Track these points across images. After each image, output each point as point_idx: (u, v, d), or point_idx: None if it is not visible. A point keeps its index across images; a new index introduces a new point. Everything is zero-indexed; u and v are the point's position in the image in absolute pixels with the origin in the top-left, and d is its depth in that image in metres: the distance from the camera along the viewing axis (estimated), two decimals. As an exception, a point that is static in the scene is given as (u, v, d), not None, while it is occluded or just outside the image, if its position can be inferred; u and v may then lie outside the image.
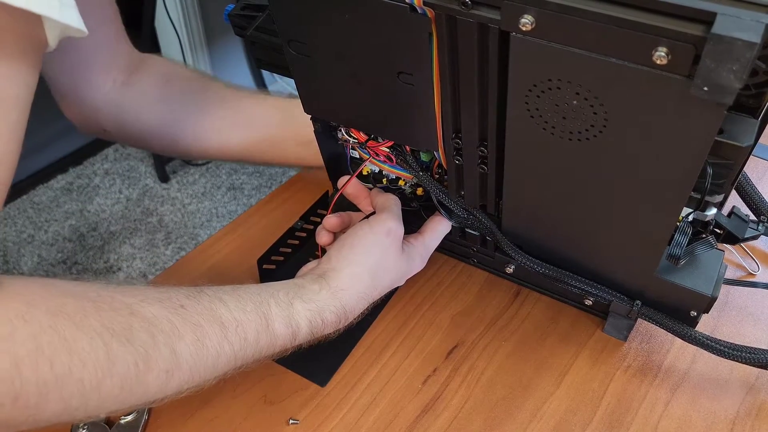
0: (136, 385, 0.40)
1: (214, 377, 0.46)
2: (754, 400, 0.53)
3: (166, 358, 0.41)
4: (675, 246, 0.47)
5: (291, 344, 0.49)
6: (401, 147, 0.56)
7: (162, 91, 0.68)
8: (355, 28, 0.45)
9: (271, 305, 0.48)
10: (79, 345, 0.37)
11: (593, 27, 0.34)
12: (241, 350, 0.46)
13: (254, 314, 0.47)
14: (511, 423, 0.52)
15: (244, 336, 0.46)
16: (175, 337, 0.42)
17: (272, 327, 0.48)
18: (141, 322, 0.40)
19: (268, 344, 0.48)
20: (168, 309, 0.43)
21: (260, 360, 0.48)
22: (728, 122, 0.39)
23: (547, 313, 0.60)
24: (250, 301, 0.47)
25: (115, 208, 1.85)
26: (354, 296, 0.52)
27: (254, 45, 0.57)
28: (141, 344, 0.40)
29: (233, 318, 0.46)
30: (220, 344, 0.44)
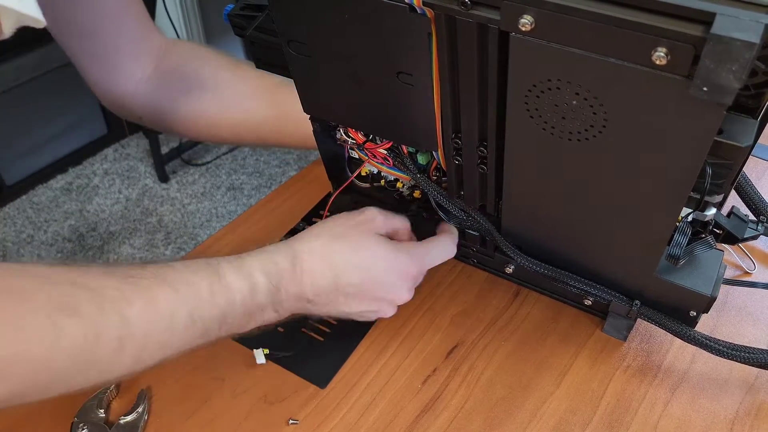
0: (87, 356, 0.39)
1: (178, 347, 0.45)
2: (754, 400, 0.53)
3: (115, 326, 0.40)
4: (674, 246, 0.47)
5: (252, 300, 0.48)
6: (399, 149, 0.56)
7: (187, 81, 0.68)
8: (355, 28, 0.45)
9: (221, 262, 0.47)
10: (25, 322, 0.36)
11: (593, 27, 0.34)
12: (196, 309, 0.44)
13: (204, 271, 0.46)
14: (511, 423, 0.52)
15: (196, 294, 0.44)
16: (124, 303, 0.41)
17: (225, 280, 0.46)
18: (87, 292, 0.40)
19: (225, 299, 0.46)
20: (115, 279, 0.42)
21: (227, 323, 0.47)
22: (728, 122, 0.39)
23: (546, 313, 0.60)
24: (198, 263, 0.47)
25: (114, 208, 1.85)
26: (306, 248, 0.51)
27: (254, 45, 0.57)
28: (88, 314, 0.39)
29: (182, 278, 0.45)
30: (173, 305, 0.43)
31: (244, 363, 0.57)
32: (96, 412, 0.53)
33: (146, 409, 0.53)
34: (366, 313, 0.54)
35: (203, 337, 0.46)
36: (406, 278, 0.54)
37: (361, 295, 0.52)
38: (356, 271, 0.52)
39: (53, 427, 0.53)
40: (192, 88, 0.68)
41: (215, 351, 0.58)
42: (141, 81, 0.67)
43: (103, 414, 0.53)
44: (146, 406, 0.53)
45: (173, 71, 0.68)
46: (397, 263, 0.53)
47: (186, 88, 0.68)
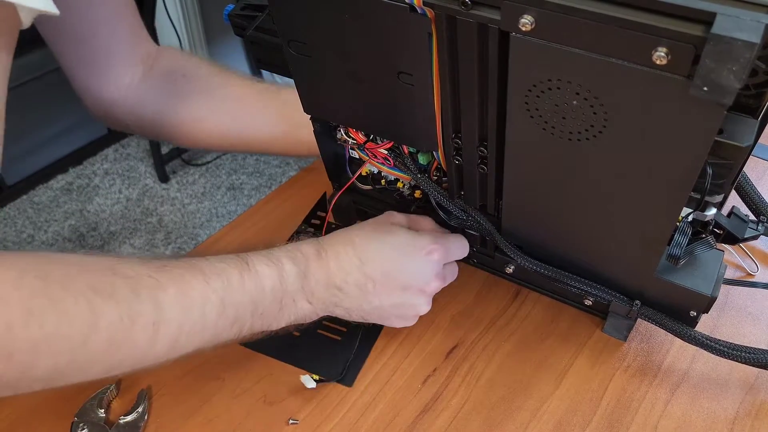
0: (123, 339, 0.41)
1: (212, 335, 0.46)
2: (754, 400, 0.53)
3: (150, 311, 0.42)
4: (675, 246, 0.47)
5: (282, 286, 0.49)
6: (399, 149, 0.56)
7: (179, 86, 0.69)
8: (355, 28, 0.45)
9: (249, 253, 0.50)
10: (65, 305, 0.39)
11: (593, 27, 0.34)
12: (227, 295, 0.46)
13: (234, 261, 0.48)
14: (511, 423, 0.52)
15: (227, 280, 0.46)
16: (158, 289, 0.43)
17: (254, 267, 0.48)
18: (123, 279, 0.42)
19: (256, 286, 0.48)
20: (149, 267, 0.44)
21: (259, 312, 0.48)
22: (728, 122, 0.39)
23: (546, 313, 0.60)
24: (229, 255, 0.49)
25: (114, 208, 1.85)
26: (331, 239, 0.53)
27: (254, 45, 0.57)
28: (124, 299, 0.41)
29: (213, 267, 0.47)
30: (205, 291, 0.45)
31: (244, 363, 0.57)
32: (96, 412, 0.53)
33: (146, 409, 0.53)
34: (399, 308, 0.54)
35: (236, 325, 0.47)
36: (429, 260, 0.54)
37: (389, 282, 0.52)
38: (381, 255, 0.53)
39: (53, 427, 0.53)
40: (183, 94, 0.68)
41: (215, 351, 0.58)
42: (129, 87, 0.67)
43: (103, 414, 0.53)
44: (146, 406, 0.53)
45: (164, 77, 0.68)
46: (420, 243, 0.54)
47: (177, 94, 0.68)
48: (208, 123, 0.69)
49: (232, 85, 0.70)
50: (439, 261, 0.55)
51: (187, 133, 0.70)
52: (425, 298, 0.55)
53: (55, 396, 0.54)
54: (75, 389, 0.54)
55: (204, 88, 0.69)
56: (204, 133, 0.70)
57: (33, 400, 0.54)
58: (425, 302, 0.55)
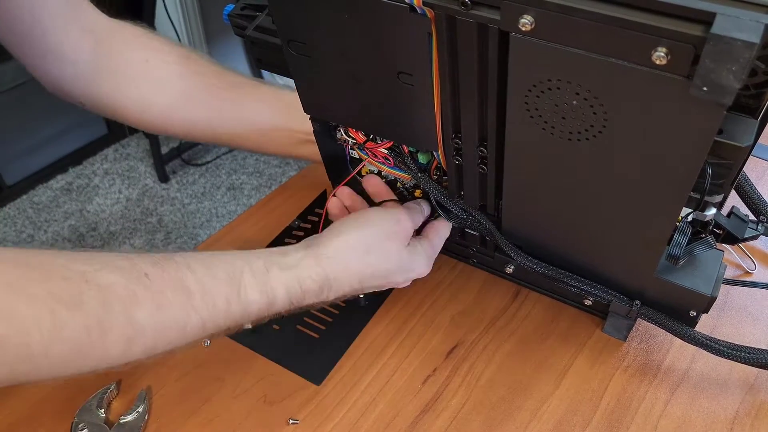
0: (91, 350, 0.40)
1: (185, 343, 0.45)
2: (754, 400, 0.53)
3: (122, 325, 0.41)
4: (674, 246, 0.47)
5: (268, 312, 0.48)
6: (399, 148, 0.56)
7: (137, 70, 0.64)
8: (355, 28, 0.45)
9: (245, 273, 0.47)
10: (21, 313, 0.37)
11: (593, 27, 0.34)
12: (210, 318, 0.45)
13: (225, 282, 0.46)
14: (511, 423, 0.52)
15: (212, 303, 0.45)
16: (133, 304, 0.41)
17: (244, 295, 0.46)
18: (94, 290, 0.40)
19: (241, 312, 0.46)
20: (128, 277, 0.42)
21: (238, 326, 0.48)
22: (728, 122, 0.39)
23: (546, 313, 0.60)
24: (222, 269, 0.46)
25: (114, 208, 1.85)
26: (340, 266, 0.50)
27: (254, 45, 0.57)
28: (92, 311, 0.39)
29: (200, 286, 0.44)
30: (185, 312, 0.43)
31: (245, 363, 0.57)
32: (96, 412, 0.53)
33: (146, 409, 0.53)
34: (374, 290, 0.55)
35: (212, 335, 0.47)
36: (417, 275, 0.56)
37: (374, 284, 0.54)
38: (380, 279, 0.53)
39: (53, 427, 0.53)
40: (136, 79, 0.65)
41: (215, 351, 0.58)
42: (79, 63, 0.63)
43: (103, 414, 0.53)
44: (146, 406, 0.53)
45: (117, 57, 0.64)
46: (414, 267, 0.55)
47: (129, 78, 0.64)
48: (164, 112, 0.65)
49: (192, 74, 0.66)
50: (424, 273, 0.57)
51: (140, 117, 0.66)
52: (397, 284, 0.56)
53: (55, 396, 0.54)
54: (75, 389, 0.54)
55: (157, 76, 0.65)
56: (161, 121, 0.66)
57: (33, 399, 0.54)
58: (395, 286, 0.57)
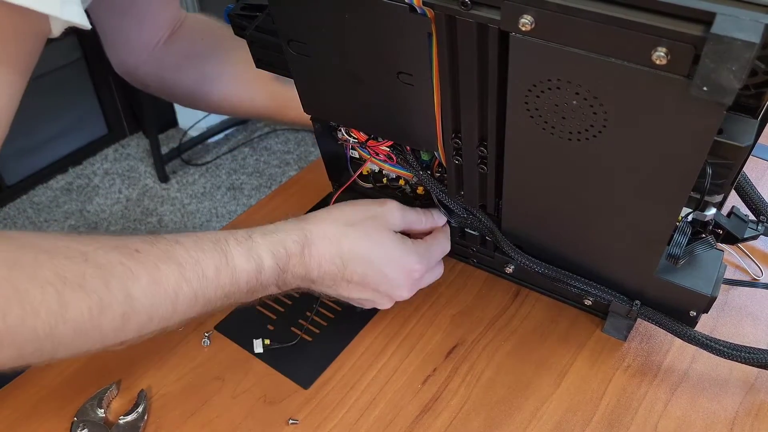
0: (90, 329, 0.41)
1: (178, 320, 0.46)
2: (754, 400, 0.53)
3: (120, 302, 0.42)
4: (674, 246, 0.47)
5: (258, 280, 0.49)
6: (402, 146, 0.56)
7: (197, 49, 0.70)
8: (355, 28, 0.45)
9: (230, 241, 0.48)
10: (31, 295, 0.38)
11: (593, 27, 0.34)
12: (201, 288, 0.46)
13: (212, 251, 0.47)
14: (511, 423, 0.52)
15: (202, 273, 0.46)
16: (130, 280, 0.42)
17: (232, 262, 0.47)
18: (94, 268, 0.41)
19: (230, 280, 0.47)
20: (123, 254, 0.43)
21: (229, 300, 0.48)
22: (728, 122, 0.39)
23: (546, 313, 0.60)
24: (209, 241, 0.48)
25: (114, 209, 1.85)
26: (320, 230, 0.51)
27: (254, 45, 0.57)
28: (94, 290, 0.40)
29: (190, 257, 0.46)
30: (177, 283, 0.44)
31: (244, 363, 0.57)
32: (96, 412, 0.53)
33: (146, 409, 0.53)
34: (364, 301, 0.56)
35: (205, 311, 0.47)
36: (410, 277, 0.55)
37: (364, 284, 0.53)
38: (364, 263, 0.52)
39: (53, 427, 0.53)
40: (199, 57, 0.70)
41: (215, 351, 0.58)
42: (154, 49, 0.69)
43: (103, 414, 0.53)
44: (146, 406, 0.53)
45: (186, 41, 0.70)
46: (405, 262, 0.54)
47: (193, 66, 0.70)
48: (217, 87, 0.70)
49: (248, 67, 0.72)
50: (418, 279, 0.56)
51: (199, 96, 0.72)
52: (390, 302, 0.56)
53: (55, 396, 0.54)
54: (75, 389, 0.54)
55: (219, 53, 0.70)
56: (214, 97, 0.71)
57: (33, 399, 0.54)
58: (388, 304, 0.56)
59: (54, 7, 0.37)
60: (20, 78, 0.40)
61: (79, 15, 0.39)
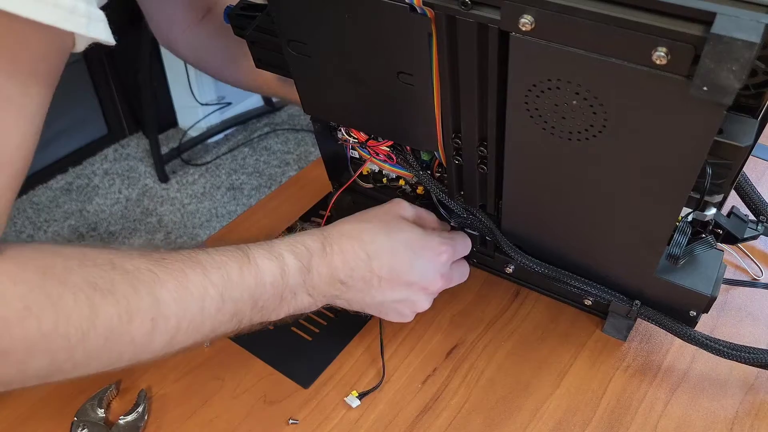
0: (120, 335, 0.41)
1: (210, 329, 0.46)
2: (754, 400, 0.53)
3: (148, 306, 0.42)
4: (674, 246, 0.47)
5: (283, 280, 0.48)
6: (402, 146, 0.56)
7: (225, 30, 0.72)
8: (355, 28, 0.45)
9: (250, 245, 0.49)
10: (64, 302, 0.38)
11: (593, 27, 0.34)
12: (226, 290, 0.45)
13: (234, 253, 0.47)
14: (511, 423, 0.52)
15: (227, 275, 0.46)
16: (157, 284, 0.42)
17: (255, 261, 0.47)
18: (122, 274, 0.41)
19: (255, 280, 0.47)
20: (149, 261, 0.43)
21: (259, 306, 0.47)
22: (728, 122, 0.39)
23: (546, 313, 0.60)
24: (230, 247, 0.48)
25: (114, 209, 1.85)
26: (337, 231, 0.52)
27: (254, 45, 0.57)
28: (123, 295, 0.41)
29: (213, 260, 0.46)
30: (204, 285, 0.44)
31: (244, 363, 0.57)
32: (96, 412, 0.53)
33: (146, 409, 0.53)
34: (401, 304, 0.54)
35: (235, 318, 0.47)
36: (437, 260, 0.54)
37: (395, 279, 0.52)
38: (389, 254, 0.52)
39: (53, 427, 0.53)
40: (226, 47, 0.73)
41: (215, 351, 0.58)
42: (187, 29, 0.73)
43: (103, 414, 0.53)
44: (146, 406, 0.53)
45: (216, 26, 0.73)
46: (429, 244, 0.54)
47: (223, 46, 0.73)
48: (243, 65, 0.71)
49: None
50: (447, 262, 0.55)
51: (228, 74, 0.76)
52: (427, 296, 0.55)
53: (55, 396, 0.54)
54: (75, 389, 0.54)
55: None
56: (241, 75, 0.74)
57: (33, 400, 0.54)
58: (426, 300, 0.55)
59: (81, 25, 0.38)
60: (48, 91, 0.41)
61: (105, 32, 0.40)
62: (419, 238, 0.54)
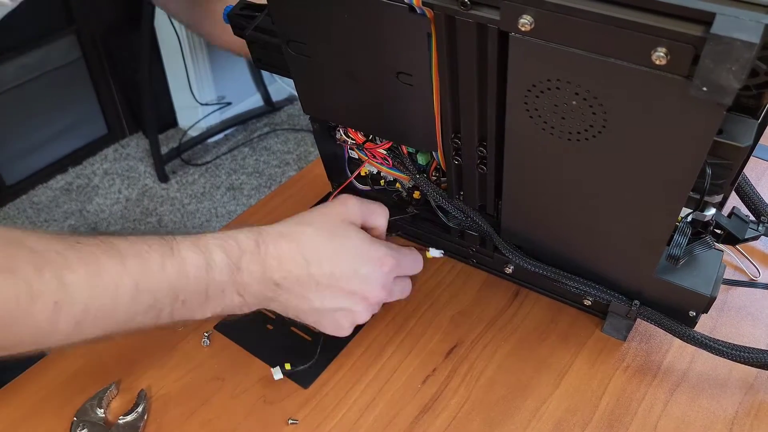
0: (21, 317, 0.39)
1: (124, 319, 0.43)
2: (753, 400, 0.53)
3: (53, 290, 0.40)
4: (674, 246, 0.47)
5: (208, 275, 0.45)
6: (398, 149, 0.56)
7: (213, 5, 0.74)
8: (355, 28, 0.45)
9: (177, 236, 0.46)
10: None
11: (592, 27, 0.34)
12: (144, 279, 0.43)
13: (157, 243, 0.45)
14: (511, 423, 0.52)
15: (145, 264, 0.43)
16: (65, 268, 0.41)
17: (179, 253, 0.45)
18: (28, 254, 0.40)
19: (178, 273, 0.44)
20: (61, 243, 0.42)
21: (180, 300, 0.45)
22: (728, 122, 0.39)
23: (546, 313, 0.60)
24: (155, 237, 0.46)
25: (114, 209, 1.85)
26: (274, 230, 0.49)
27: (254, 45, 0.57)
28: (24, 275, 0.39)
29: (133, 248, 0.44)
30: (118, 274, 0.42)
31: (244, 363, 0.57)
32: (96, 412, 0.53)
33: (146, 409, 0.53)
34: (339, 314, 0.52)
35: (153, 311, 0.44)
36: (381, 270, 0.52)
37: (335, 286, 0.50)
38: (330, 259, 0.49)
39: (53, 427, 0.53)
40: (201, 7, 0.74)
41: (215, 351, 0.58)
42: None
43: (103, 414, 0.53)
44: (146, 406, 0.53)
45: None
46: (374, 253, 0.51)
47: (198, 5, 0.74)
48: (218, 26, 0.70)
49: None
50: (390, 273, 0.52)
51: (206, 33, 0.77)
52: (367, 308, 0.52)
53: (55, 396, 0.54)
54: (75, 389, 0.54)
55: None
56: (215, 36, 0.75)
57: (33, 399, 0.54)
58: (366, 311, 0.53)
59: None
60: None
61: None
62: (364, 245, 0.51)
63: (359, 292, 0.51)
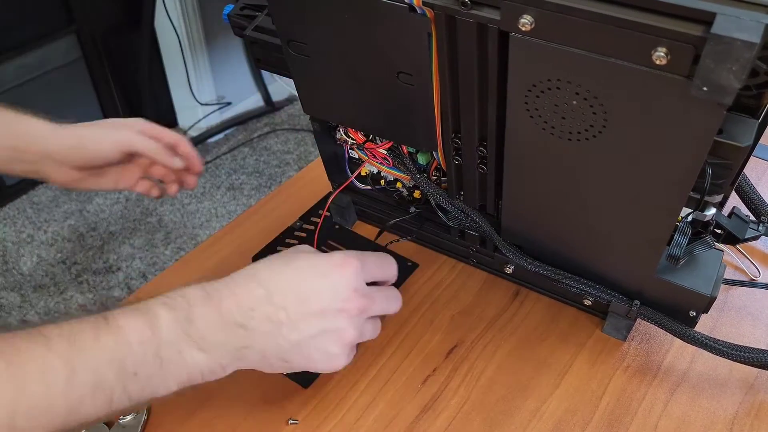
0: None
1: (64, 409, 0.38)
2: (753, 400, 0.53)
3: None
4: (675, 246, 0.47)
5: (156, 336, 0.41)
6: (399, 149, 0.56)
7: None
8: (355, 28, 0.45)
9: (113, 309, 0.42)
10: None
11: (593, 27, 0.34)
12: (76, 357, 0.38)
13: (88, 318, 0.41)
14: (511, 423, 0.52)
15: (75, 341, 0.39)
16: None
17: (114, 320, 0.40)
18: None
19: (116, 341, 0.40)
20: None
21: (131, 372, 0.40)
22: (728, 122, 0.39)
23: (546, 313, 0.60)
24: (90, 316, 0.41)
25: (114, 208, 1.85)
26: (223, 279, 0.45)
27: (254, 45, 0.57)
28: None
29: (61, 330, 0.39)
30: (43, 359, 0.37)
31: (244, 363, 0.57)
32: (96, 412, 0.53)
33: (146, 409, 0.53)
34: (323, 339, 0.46)
35: (101, 392, 0.39)
36: (345, 274, 0.47)
37: (304, 309, 0.45)
38: (290, 280, 0.46)
39: None
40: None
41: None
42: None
43: (103, 414, 0.53)
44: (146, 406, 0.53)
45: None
46: (331, 260, 0.47)
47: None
48: None
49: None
50: (355, 275, 0.47)
51: None
52: (348, 320, 0.47)
53: (55, 396, 0.54)
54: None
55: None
56: None
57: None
58: (350, 325, 0.47)
59: None
60: None
61: None
62: (318, 257, 0.47)
63: (332, 305, 0.46)
